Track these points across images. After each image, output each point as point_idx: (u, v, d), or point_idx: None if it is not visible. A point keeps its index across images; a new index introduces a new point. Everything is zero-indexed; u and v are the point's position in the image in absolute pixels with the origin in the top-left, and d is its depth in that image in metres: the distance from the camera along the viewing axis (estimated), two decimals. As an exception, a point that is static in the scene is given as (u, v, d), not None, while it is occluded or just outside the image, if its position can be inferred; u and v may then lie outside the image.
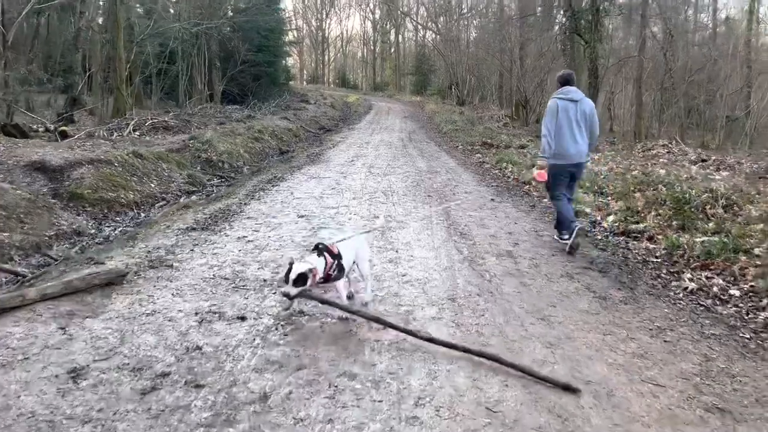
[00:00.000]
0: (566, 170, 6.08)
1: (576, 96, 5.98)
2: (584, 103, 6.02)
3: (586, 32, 16.70)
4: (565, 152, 5.95)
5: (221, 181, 11.75)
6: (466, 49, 37.60)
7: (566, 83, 6.08)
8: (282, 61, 32.20)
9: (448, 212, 7.61)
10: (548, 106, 6.07)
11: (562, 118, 5.87)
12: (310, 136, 20.89)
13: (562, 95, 5.99)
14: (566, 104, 5.91)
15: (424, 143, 18.44)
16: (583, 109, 5.98)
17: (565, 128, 5.88)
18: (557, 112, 5.88)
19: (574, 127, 5.91)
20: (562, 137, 5.89)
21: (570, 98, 5.95)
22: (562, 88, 6.07)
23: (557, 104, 5.92)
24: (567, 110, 5.90)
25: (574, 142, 5.93)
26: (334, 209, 7.44)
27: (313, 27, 63.58)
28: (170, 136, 15.02)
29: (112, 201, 8.83)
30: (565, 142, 5.90)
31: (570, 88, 6.04)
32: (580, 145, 5.99)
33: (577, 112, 5.94)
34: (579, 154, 6.03)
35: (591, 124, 6.06)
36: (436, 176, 11.10)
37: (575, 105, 5.94)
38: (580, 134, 5.96)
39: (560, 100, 5.95)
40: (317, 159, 13.59)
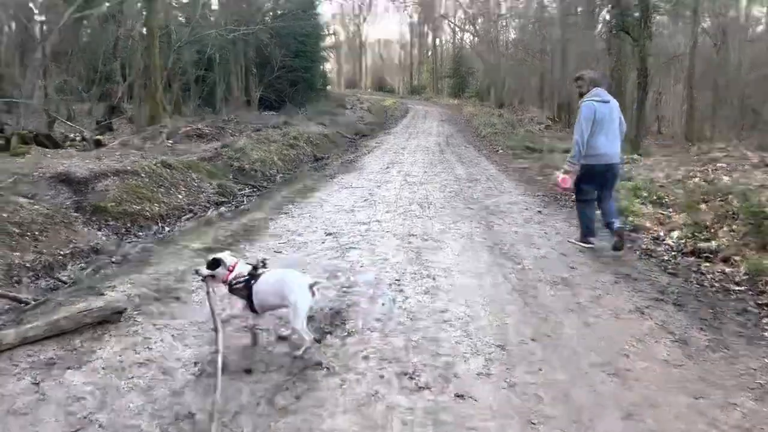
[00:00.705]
0: (599, 171, 5.96)
1: (606, 97, 5.93)
2: (613, 103, 6.00)
3: (635, 30, 15.54)
4: (601, 153, 5.84)
5: (252, 191, 11.19)
6: (505, 51, 36.47)
7: (597, 85, 6.01)
8: (319, 66, 31.73)
9: (491, 227, 6.80)
10: (583, 110, 5.89)
11: (600, 122, 5.78)
12: (345, 142, 20.28)
13: (595, 97, 5.88)
14: (602, 106, 5.82)
15: (462, 148, 17.59)
16: (614, 108, 5.95)
17: (602, 131, 5.80)
18: (594, 116, 5.76)
19: (610, 127, 5.85)
20: (597, 139, 5.79)
21: (603, 100, 5.87)
22: (594, 90, 5.96)
23: (594, 107, 5.80)
24: (603, 113, 5.81)
25: (608, 143, 5.87)
26: (365, 225, 6.71)
27: (351, 32, 63.23)
28: (204, 143, 14.60)
29: (136, 214, 8.33)
30: (601, 143, 5.81)
31: (600, 89, 5.98)
32: (614, 146, 5.98)
33: (611, 113, 5.90)
34: (613, 154, 6.00)
35: (620, 122, 6.04)
36: (476, 185, 10.28)
37: (608, 106, 5.88)
38: (614, 135, 5.94)
39: (595, 102, 5.84)
40: (351, 166, 12.92)
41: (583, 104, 5.94)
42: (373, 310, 4.07)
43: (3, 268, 5.74)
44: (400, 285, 4.60)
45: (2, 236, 6.17)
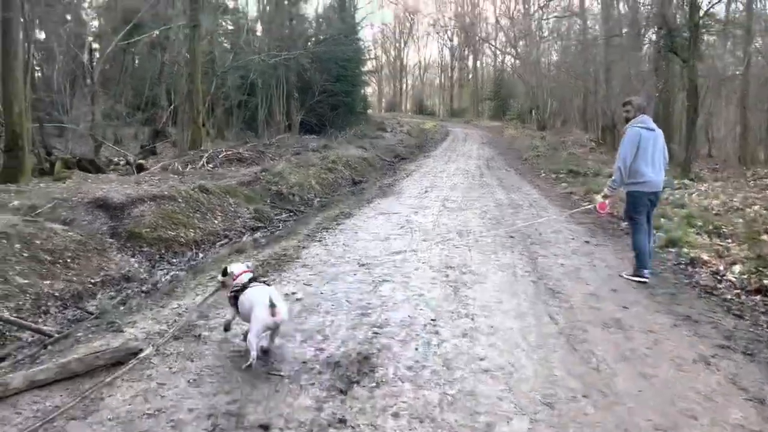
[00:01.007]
0: (647, 198, 5.87)
1: (652, 125, 5.88)
2: (658, 132, 5.94)
3: (684, 50, 14.88)
4: (646, 180, 5.77)
5: (289, 216, 11.01)
6: (547, 73, 35.86)
7: (643, 112, 5.96)
8: (359, 90, 31.82)
9: (535, 259, 6.35)
10: (628, 135, 5.85)
11: (644, 149, 5.73)
12: (384, 165, 20.07)
13: (641, 124, 5.83)
14: (647, 134, 5.78)
15: (503, 171, 17.12)
16: (656, 137, 5.86)
17: (646, 157, 5.74)
18: (639, 142, 5.73)
19: (656, 155, 5.79)
20: (644, 165, 5.73)
21: (648, 127, 5.83)
22: (641, 116, 5.90)
23: (640, 133, 5.76)
24: (648, 140, 5.76)
25: (655, 171, 5.80)
26: (400, 255, 6.35)
27: (392, 56, 63.63)
28: (243, 168, 14.58)
29: (170, 240, 8.22)
30: (647, 170, 5.74)
31: (646, 117, 5.93)
32: (659, 174, 5.87)
33: (656, 141, 5.83)
34: (659, 182, 5.91)
35: (664, 154, 5.97)
36: (517, 211, 9.82)
37: (653, 134, 5.83)
38: (660, 163, 5.86)
39: (640, 128, 5.80)
40: (389, 190, 12.62)
41: (629, 130, 5.90)
42: (406, 356, 3.69)
43: (32, 297, 5.62)
44: (435, 326, 4.21)
45: (34, 264, 6.08)
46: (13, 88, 9.68)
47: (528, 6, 40.68)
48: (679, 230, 8.07)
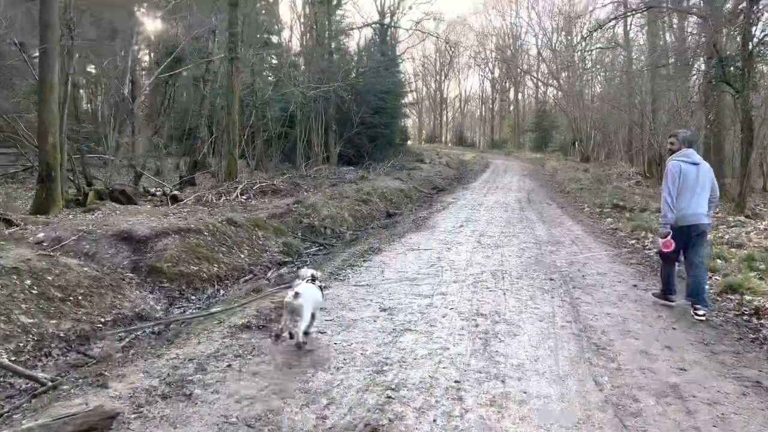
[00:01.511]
0: (681, 230, 5.77)
1: (696, 159, 5.82)
2: (704, 166, 5.84)
3: (736, 81, 13.98)
4: (685, 214, 5.73)
5: (319, 250, 10.59)
6: (591, 104, 34.96)
7: (689, 145, 5.94)
8: (398, 122, 31.65)
9: (577, 306, 5.67)
10: (669, 169, 5.86)
11: (684, 182, 5.71)
12: (421, 197, 19.57)
13: (683, 158, 5.81)
14: (688, 167, 5.75)
15: (544, 205, 16.36)
16: (704, 172, 5.79)
17: (687, 191, 5.71)
18: (680, 176, 5.72)
19: (698, 189, 5.72)
20: (683, 200, 5.72)
21: (692, 161, 5.79)
22: (684, 150, 5.88)
23: (680, 167, 5.75)
24: (689, 173, 5.72)
25: (693, 203, 5.72)
26: (427, 299, 5.77)
27: (432, 88, 63.68)
28: (277, 199, 14.33)
29: (192, 275, 7.86)
30: (685, 205, 5.72)
31: (691, 150, 5.90)
32: (699, 207, 5.75)
33: (699, 175, 5.75)
34: (698, 215, 5.76)
35: (712, 188, 5.87)
36: (559, 248, 9.12)
37: (696, 168, 5.76)
38: (703, 197, 5.77)
39: (683, 162, 5.78)
40: (422, 224, 12.08)
41: (670, 163, 5.90)
42: (421, 430, 3.11)
43: (35, 338, 5.28)
44: (459, 389, 3.61)
45: (42, 301, 5.77)
46: (48, 118, 9.65)
47: (570, 38, 40.07)
48: (738, 274, 7.26)
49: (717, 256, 8.47)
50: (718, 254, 8.53)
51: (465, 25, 58.10)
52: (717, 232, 10.51)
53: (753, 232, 10.13)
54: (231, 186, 14.18)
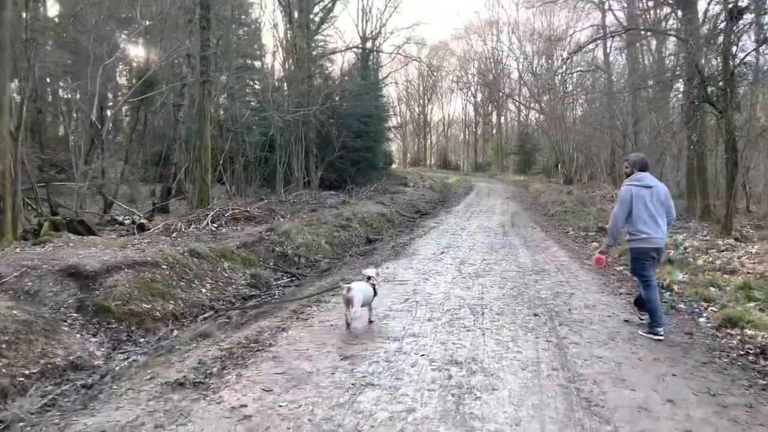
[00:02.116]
0: (650, 253, 5.74)
1: (650, 182, 5.80)
2: (660, 187, 5.85)
3: (719, 101, 13.56)
4: (647, 236, 5.67)
5: (290, 281, 9.87)
6: (573, 126, 34.77)
7: (643, 169, 5.91)
8: (381, 145, 31.11)
9: (564, 348, 4.99)
10: (620, 194, 5.88)
11: (639, 205, 5.67)
12: (404, 221, 18.94)
13: (636, 182, 5.80)
14: (640, 190, 5.73)
15: (528, 229, 15.77)
16: (658, 194, 5.76)
17: (644, 213, 5.67)
18: (631, 201, 5.71)
19: (654, 212, 5.69)
20: (643, 222, 5.67)
21: (644, 185, 5.76)
22: (636, 174, 5.86)
23: (631, 192, 5.75)
24: (642, 197, 5.70)
25: (655, 227, 5.68)
26: (395, 343, 5.06)
27: (416, 112, 63.55)
28: (250, 227, 13.59)
29: (143, 314, 7.08)
30: (647, 227, 5.67)
31: (644, 174, 5.87)
32: (660, 229, 5.73)
33: (653, 197, 5.72)
34: (660, 238, 5.74)
35: (667, 209, 5.84)
36: (543, 278, 8.46)
37: (650, 191, 5.74)
38: (660, 219, 5.73)
39: (634, 187, 5.76)
40: (402, 252, 11.41)
41: (622, 188, 5.92)
42: None
43: (-62, 398, 4.51)
44: (422, 471, 2.91)
45: (-46, 354, 5.00)
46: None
47: (551, 61, 40.09)
48: (737, 305, 6.64)
49: (710, 283, 7.88)
50: (711, 281, 7.94)
51: (447, 49, 58.30)
52: (708, 257, 9.95)
53: (745, 257, 9.56)
54: (202, 213, 13.42)
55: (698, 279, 8.15)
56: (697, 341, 5.38)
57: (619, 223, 5.79)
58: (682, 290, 7.67)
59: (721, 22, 13.40)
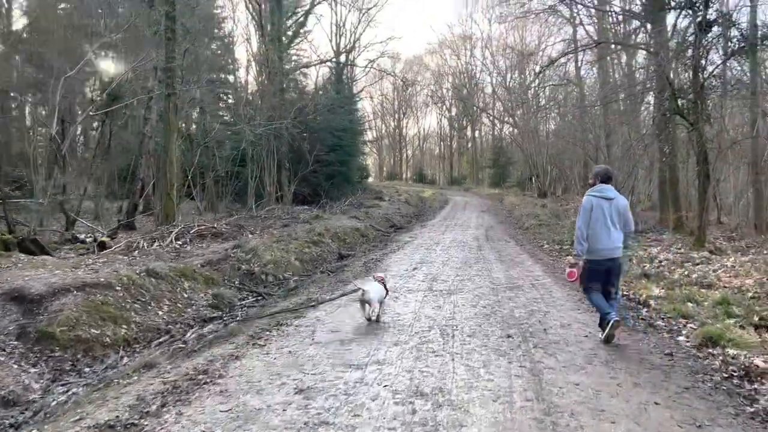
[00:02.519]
0: (601, 266, 5.76)
1: (610, 194, 5.80)
2: (619, 200, 5.83)
3: (690, 113, 13.48)
4: (600, 248, 5.70)
5: (256, 300, 9.38)
6: (546, 140, 34.89)
7: (605, 180, 5.92)
8: (357, 159, 30.76)
9: (539, 374, 4.60)
10: (582, 204, 5.89)
11: (597, 216, 5.69)
12: (378, 236, 18.54)
13: (597, 193, 5.82)
14: (600, 202, 5.75)
15: (502, 242, 15.49)
16: (617, 206, 5.77)
17: (599, 225, 5.70)
18: (591, 210, 5.74)
19: (609, 224, 5.70)
20: (596, 234, 5.70)
21: (604, 196, 5.77)
22: (598, 185, 5.89)
23: (591, 202, 5.78)
24: (601, 208, 5.72)
25: (608, 239, 5.69)
26: (358, 372, 4.62)
27: (391, 127, 63.47)
28: (217, 243, 13.04)
29: (91, 341, 6.55)
30: (599, 239, 5.69)
31: (605, 185, 5.88)
32: (614, 242, 5.73)
33: (611, 209, 5.73)
34: (613, 250, 5.74)
35: (625, 221, 5.85)
36: (518, 294, 8.12)
37: (609, 203, 5.75)
38: (616, 231, 5.74)
39: (594, 197, 5.79)
40: (374, 267, 10.99)
41: (584, 198, 5.93)
42: None
43: None
44: None
45: None
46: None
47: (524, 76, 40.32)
48: (716, 322, 6.35)
49: (687, 298, 7.61)
50: (688, 297, 7.66)
51: (421, 64, 58.44)
52: (683, 270, 9.73)
53: (721, 270, 9.35)
54: (166, 231, 12.84)
55: (675, 294, 7.88)
56: (678, 363, 5.05)
57: (583, 232, 5.78)
58: (660, 306, 7.38)
59: (691, 35, 13.37)
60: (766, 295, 7.48)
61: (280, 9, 21.61)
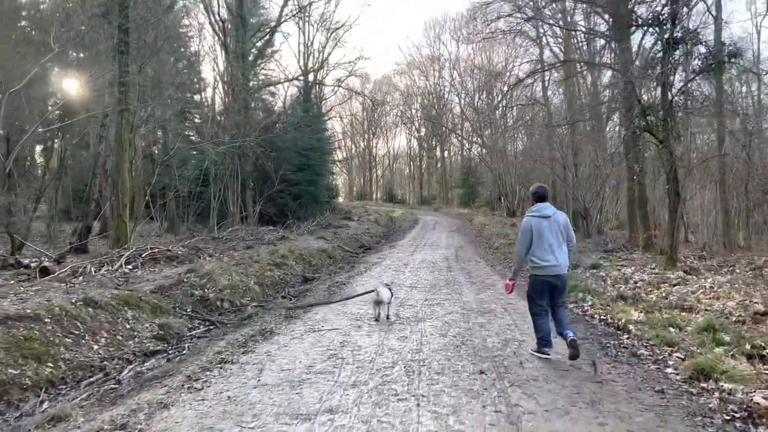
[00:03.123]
0: (546, 282, 5.77)
1: (548, 212, 5.84)
2: (557, 216, 5.86)
3: (660, 131, 13.20)
4: (543, 265, 5.72)
5: (207, 329, 8.54)
6: (514, 160, 34.76)
7: (540, 199, 5.97)
8: (325, 179, 30.03)
9: (517, 422, 3.93)
10: (522, 225, 5.98)
11: (537, 234, 5.75)
12: (346, 257, 17.82)
13: (534, 212, 5.88)
14: (539, 221, 5.79)
15: (473, 263, 14.92)
16: (557, 222, 5.80)
17: (542, 243, 5.73)
18: (531, 231, 5.81)
19: (552, 240, 5.72)
20: (540, 251, 5.74)
21: (542, 215, 5.82)
22: (536, 205, 5.94)
23: (530, 223, 5.85)
24: (540, 226, 5.76)
25: (551, 255, 5.71)
26: (305, 423, 3.87)
27: (361, 147, 63.00)
28: (171, 267, 12.13)
29: (8, 383, 5.63)
30: (542, 256, 5.72)
31: (542, 204, 5.92)
32: (559, 258, 5.74)
33: (551, 226, 5.77)
34: (557, 266, 5.74)
35: (567, 237, 5.87)
36: (490, 320, 7.48)
37: (548, 221, 5.78)
38: (558, 248, 5.76)
39: (533, 217, 5.86)
40: (338, 291, 10.27)
41: (524, 219, 6.00)
42: None
43: None
44: None
45: None
46: None
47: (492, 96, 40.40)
48: (705, 351, 5.79)
49: (669, 323, 7.07)
50: (670, 321, 7.12)
51: (390, 84, 58.31)
52: (660, 291, 9.25)
53: (699, 291, 8.89)
54: (117, 254, 11.89)
55: (656, 318, 7.33)
56: (671, 402, 4.44)
57: (521, 252, 5.93)
58: (641, 332, 6.82)
59: (658, 52, 13.16)
60: (752, 318, 6.99)
61: (245, 26, 20.95)
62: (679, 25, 13.02)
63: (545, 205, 5.90)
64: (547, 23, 20.60)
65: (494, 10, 18.43)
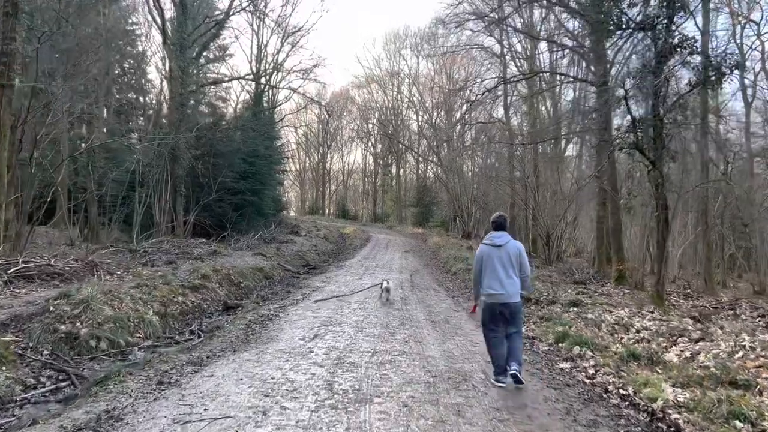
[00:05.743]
0: (497, 308, 5.58)
1: (499, 241, 5.68)
2: (509, 246, 5.67)
3: (651, 149, 11.12)
4: (492, 293, 5.59)
5: (56, 388, 5.67)
6: (471, 180, 32.75)
7: (498, 228, 5.81)
8: (271, 190, 27.01)
9: None
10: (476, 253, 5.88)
11: (488, 263, 5.65)
12: (285, 277, 15.06)
13: (488, 241, 5.76)
14: (490, 249, 5.68)
15: (431, 292, 12.41)
16: (507, 251, 5.63)
17: (491, 271, 5.62)
18: (482, 259, 5.74)
19: (500, 269, 5.60)
20: (488, 279, 5.63)
21: (493, 243, 5.67)
22: (490, 233, 5.83)
23: (482, 251, 5.77)
24: (491, 255, 5.66)
25: (499, 284, 5.56)
26: None
27: (315, 160, 60.08)
28: (46, 289, 9.02)
29: None
30: (492, 283, 5.60)
31: (497, 233, 5.76)
32: (506, 287, 5.56)
33: (502, 255, 5.62)
34: (506, 294, 5.55)
35: (520, 266, 5.67)
36: (469, 397, 4.92)
37: (498, 249, 5.63)
38: (507, 276, 5.58)
39: (485, 245, 5.76)
40: (257, 333, 7.52)
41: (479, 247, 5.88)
42: None
43: None
44: None
45: None
46: None
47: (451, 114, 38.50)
48: None
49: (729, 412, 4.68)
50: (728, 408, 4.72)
51: (348, 97, 55.88)
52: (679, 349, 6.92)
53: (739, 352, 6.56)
54: (-28, 269, 8.74)
55: (703, 399, 4.92)
56: None
57: (475, 279, 5.85)
58: (695, 425, 4.38)
59: (651, 60, 11.12)
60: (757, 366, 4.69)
61: (185, 13, 18.01)
62: (676, 29, 11.06)
63: (500, 233, 5.74)
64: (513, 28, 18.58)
65: (461, 12, 16.21)
